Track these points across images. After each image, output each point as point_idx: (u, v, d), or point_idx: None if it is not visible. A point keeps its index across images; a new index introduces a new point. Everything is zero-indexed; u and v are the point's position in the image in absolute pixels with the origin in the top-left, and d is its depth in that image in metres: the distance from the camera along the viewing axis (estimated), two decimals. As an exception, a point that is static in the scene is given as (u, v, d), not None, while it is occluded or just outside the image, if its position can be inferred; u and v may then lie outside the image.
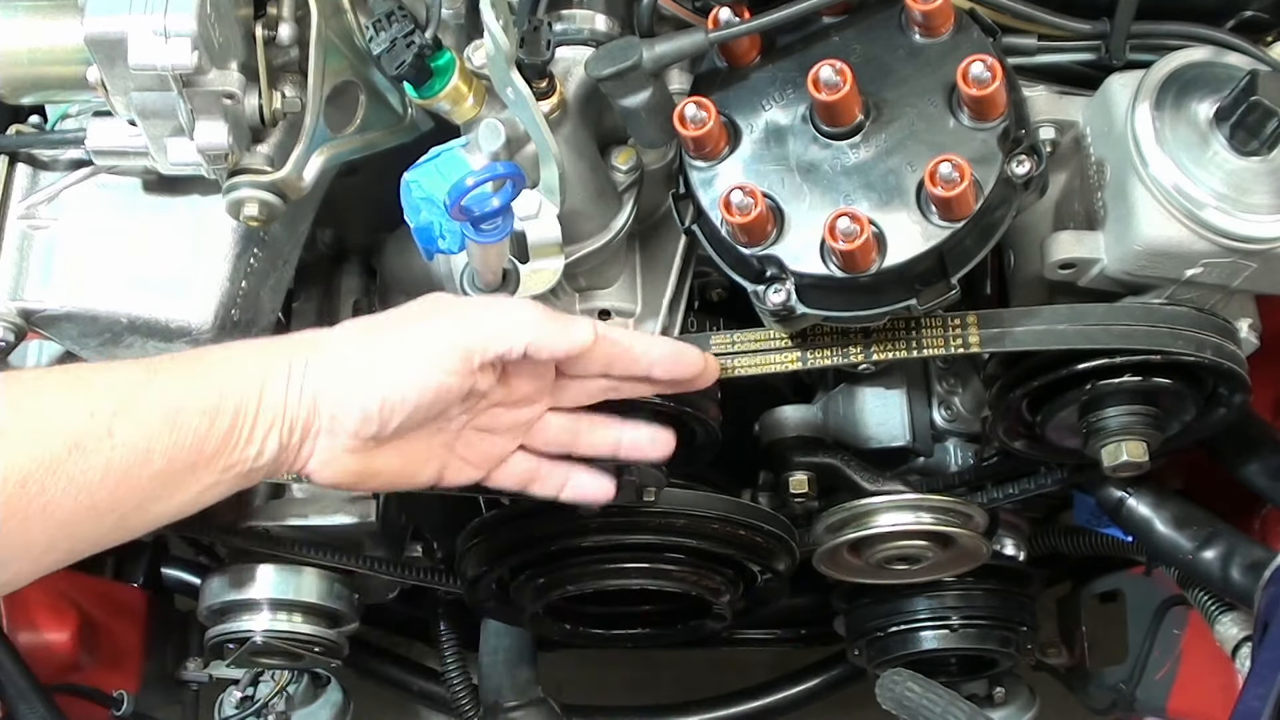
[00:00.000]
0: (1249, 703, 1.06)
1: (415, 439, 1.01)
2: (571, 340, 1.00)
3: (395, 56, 0.99)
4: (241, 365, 0.96)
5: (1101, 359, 1.13)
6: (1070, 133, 1.15)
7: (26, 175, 1.18)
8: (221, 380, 0.94)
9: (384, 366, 0.97)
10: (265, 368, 0.96)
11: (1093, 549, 1.49)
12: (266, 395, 0.95)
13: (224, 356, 0.97)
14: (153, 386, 0.92)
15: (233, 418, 0.94)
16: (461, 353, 0.97)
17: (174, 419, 0.91)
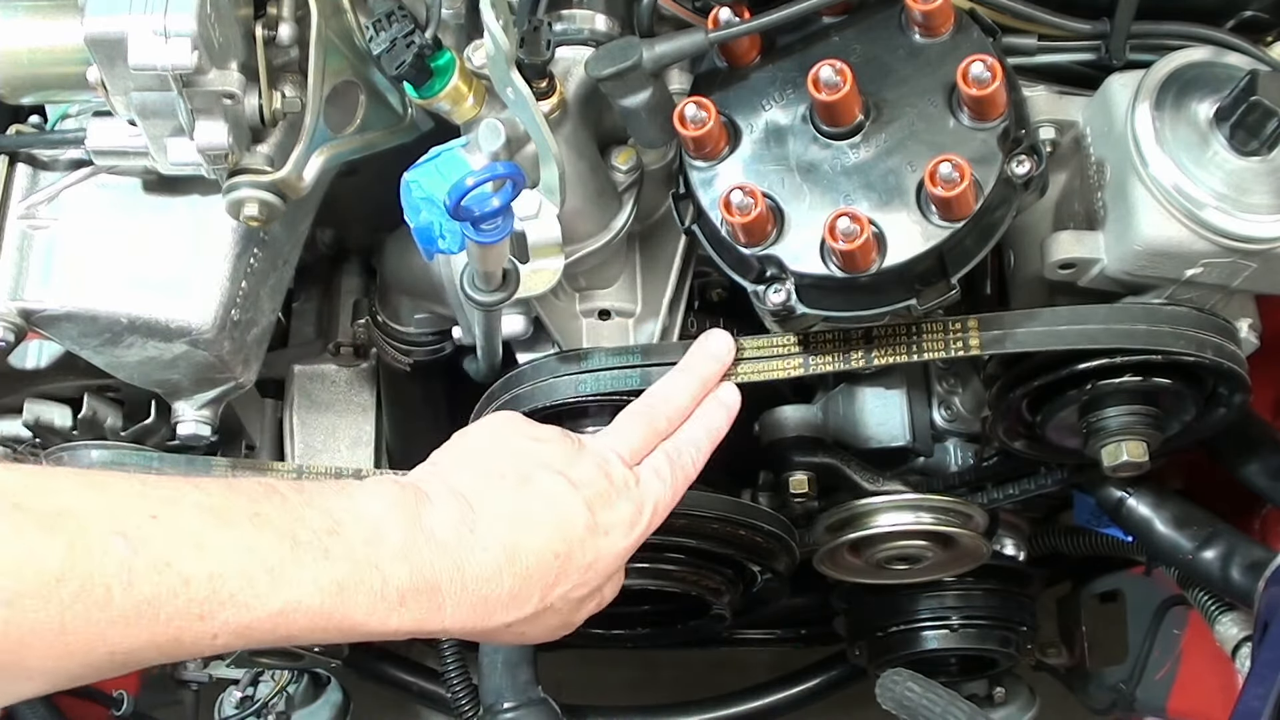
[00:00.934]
0: (1249, 703, 1.06)
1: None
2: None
3: (395, 56, 0.99)
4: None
5: (1102, 359, 1.13)
6: (1070, 133, 1.15)
7: (26, 175, 1.18)
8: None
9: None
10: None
11: (1093, 549, 1.49)
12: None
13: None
14: (288, 620, 0.87)
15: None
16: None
17: (286, 625, 0.87)
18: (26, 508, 0.81)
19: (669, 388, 1.10)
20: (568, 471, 0.99)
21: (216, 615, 0.84)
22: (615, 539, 1.00)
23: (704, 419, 1.10)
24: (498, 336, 1.19)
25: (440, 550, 0.92)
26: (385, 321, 1.38)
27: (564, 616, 1.01)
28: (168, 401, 1.26)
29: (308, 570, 0.87)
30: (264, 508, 0.88)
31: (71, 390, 1.30)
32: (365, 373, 1.49)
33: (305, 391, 1.49)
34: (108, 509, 0.83)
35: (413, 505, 0.93)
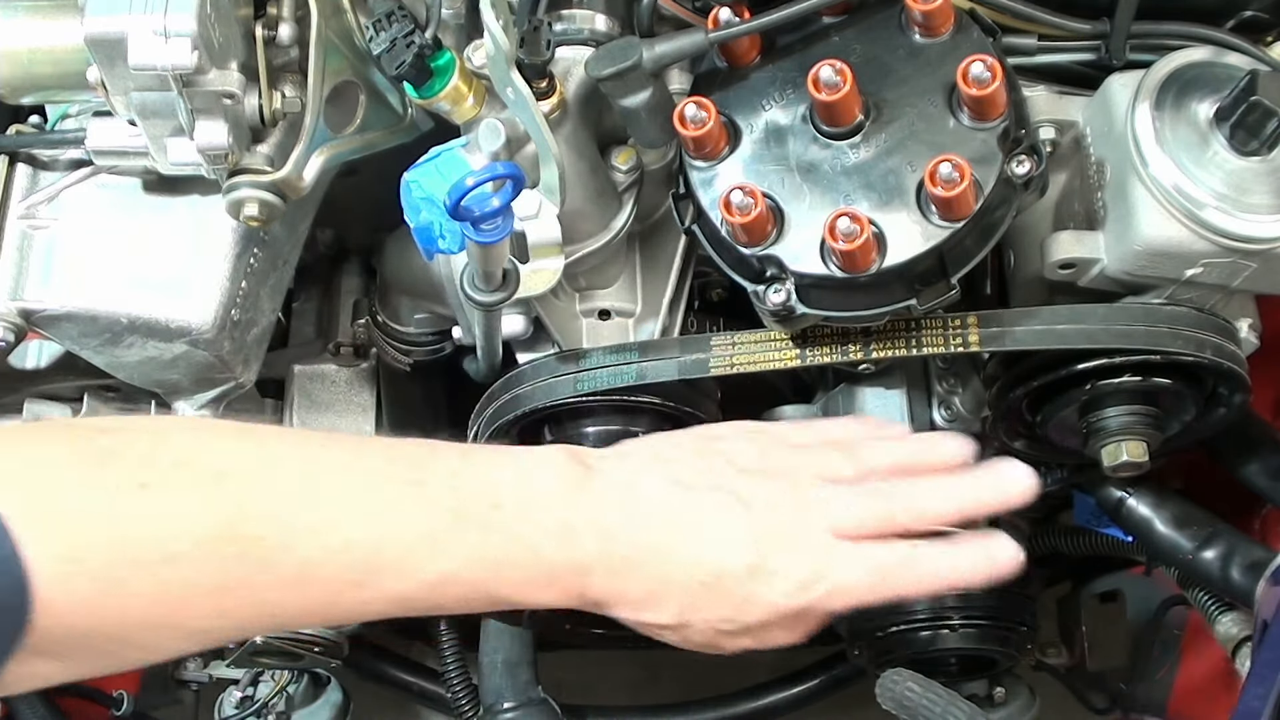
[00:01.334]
0: (1249, 703, 1.05)
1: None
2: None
3: (395, 56, 0.99)
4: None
5: (1101, 359, 1.13)
6: (1070, 133, 1.15)
7: (26, 175, 1.18)
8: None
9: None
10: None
11: (1093, 549, 1.49)
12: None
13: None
14: (449, 587, 0.87)
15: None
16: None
17: (441, 589, 0.87)
18: (191, 465, 0.81)
19: (938, 490, 0.95)
20: (757, 507, 0.91)
21: (373, 582, 0.83)
22: (776, 592, 0.91)
23: (951, 561, 0.93)
24: (498, 336, 1.19)
25: (598, 538, 0.89)
26: (385, 321, 1.38)
27: (707, 639, 0.94)
28: (168, 401, 1.26)
29: (467, 543, 0.86)
30: (428, 474, 0.87)
31: (71, 390, 1.30)
32: (365, 373, 1.49)
33: (305, 391, 1.49)
34: (270, 470, 0.83)
35: (577, 485, 0.91)
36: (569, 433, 1.20)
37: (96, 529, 0.77)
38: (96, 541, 0.77)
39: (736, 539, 0.90)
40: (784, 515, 0.92)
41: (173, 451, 0.81)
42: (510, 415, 1.18)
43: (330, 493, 0.83)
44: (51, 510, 0.77)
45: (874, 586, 0.92)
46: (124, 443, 0.81)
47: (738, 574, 0.90)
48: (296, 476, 0.83)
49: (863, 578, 0.92)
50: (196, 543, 0.79)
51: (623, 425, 1.19)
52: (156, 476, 0.79)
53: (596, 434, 1.19)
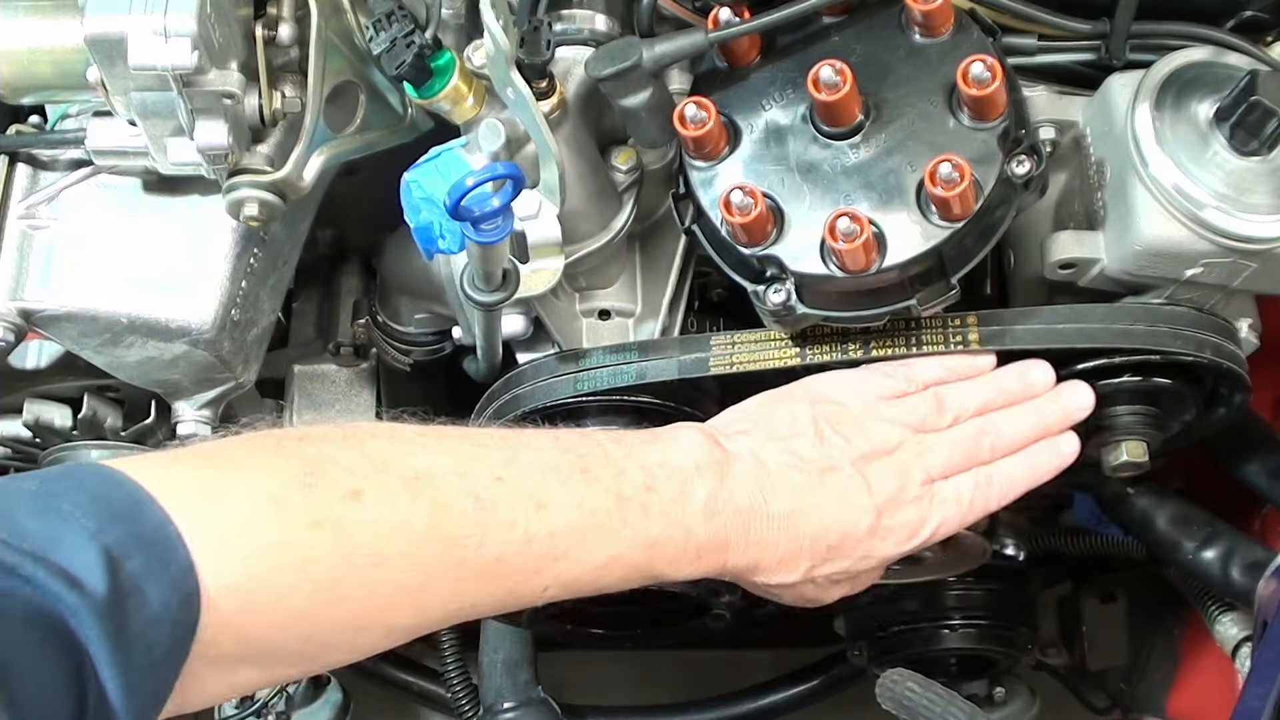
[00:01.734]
0: (1249, 703, 1.05)
1: None
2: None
3: (395, 56, 0.99)
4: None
5: (1101, 359, 1.13)
6: (1070, 133, 1.15)
7: (26, 175, 1.18)
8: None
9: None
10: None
11: (1093, 549, 1.49)
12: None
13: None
14: (608, 571, 0.93)
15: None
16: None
17: (610, 570, 0.94)
18: (392, 470, 0.85)
19: (1009, 420, 1.07)
20: (868, 472, 1.02)
21: (550, 569, 0.89)
22: (890, 544, 1.03)
23: (1031, 458, 1.07)
24: (498, 336, 1.19)
25: (736, 514, 0.97)
26: (385, 321, 1.38)
27: (818, 592, 1.05)
28: (168, 401, 1.26)
29: (630, 526, 0.93)
30: (591, 462, 0.94)
31: (71, 390, 1.30)
32: (365, 373, 1.49)
33: (305, 391, 1.49)
34: (458, 470, 0.88)
35: (719, 467, 0.98)
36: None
37: (318, 538, 0.80)
38: (319, 551, 0.80)
39: (857, 507, 1.01)
40: (892, 478, 1.02)
41: (375, 458, 0.85)
42: (510, 415, 1.18)
43: (516, 489, 0.89)
44: (265, 521, 0.79)
45: (966, 515, 1.05)
46: (329, 452, 0.85)
47: (859, 535, 1.02)
48: (487, 476, 0.88)
49: (956, 511, 1.04)
50: (404, 546, 0.83)
51: (623, 425, 1.19)
52: (366, 484, 0.83)
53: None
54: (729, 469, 0.99)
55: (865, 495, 1.01)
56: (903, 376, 1.07)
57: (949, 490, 1.04)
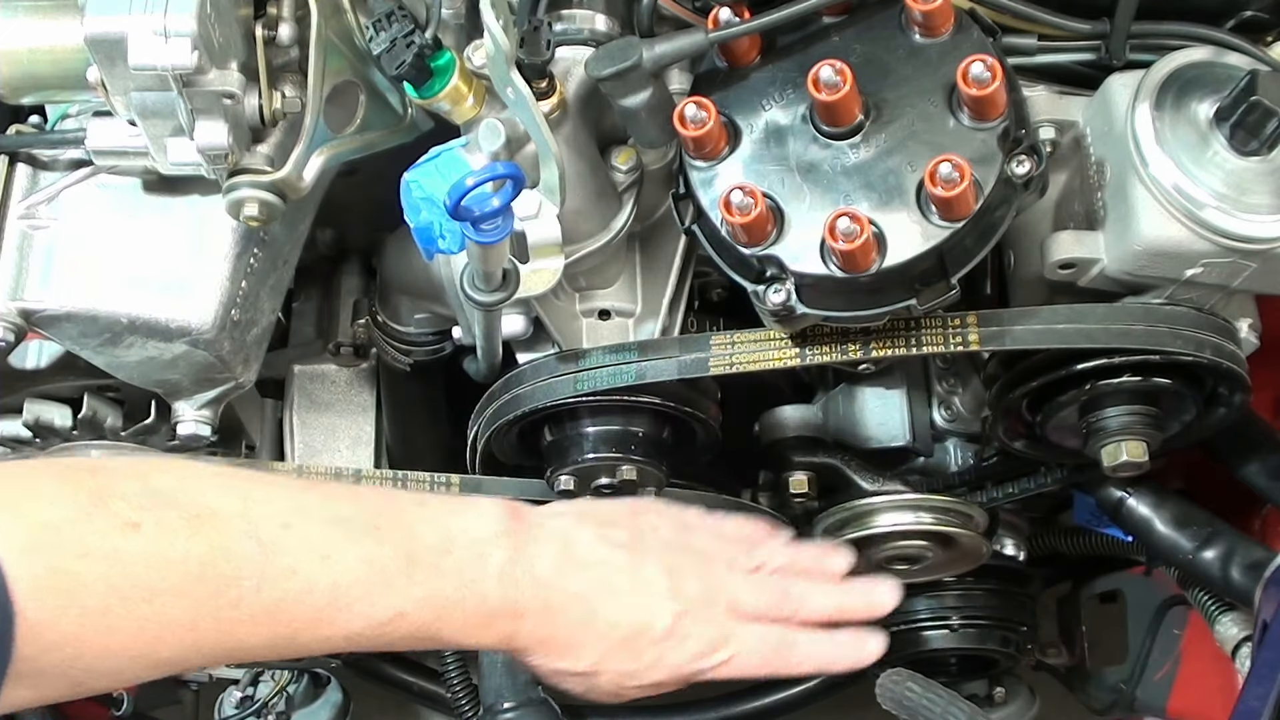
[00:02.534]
0: (1249, 703, 1.06)
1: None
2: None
3: (395, 56, 0.99)
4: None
5: (1101, 359, 1.13)
6: (1070, 133, 1.15)
7: (26, 175, 1.18)
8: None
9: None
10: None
11: (1093, 549, 1.49)
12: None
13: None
14: (392, 627, 0.94)
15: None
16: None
17: (391, 629, 0.94)
18: (176, 505, 0.86)
19: (814, 590, 1.10)
20: (676, 575, 1.03)
21: (332, 620, 0.90)
22: (684, 653, 1.02)
23: (834, 644, 1.09)
24: (498, 336, 1.19)
25: (534, 585, 0.98)
26: (385, 321, 1.38)
27: (611, 688, 1.03)
28: (168, 401, 1.26)
29: (419, 586, 0.93)
30: (385, 520, 0.94)
31: (71, 390, 1.30)
32: (365, 373, 1.49)
33: (305, 391, 1.49)
34: (244, 513, 0.88)
35: (519, 536, 0.99)
36: (569, 432, 1.20)
37: (88, 567, 0.81)
38: (88, 579, 0.81)
39: (657, 603, 1.02)
40: (698, 589, 1.03)
41: (160, 493, 0.86)
42: (510, 415, 1.18)
43: (301, 538, 0.90)
44: (42, 546, 0.80)
45: (761, 663, 1.05)
46: (113, 484, 0.86)
47: (654, 635, 1.01)
48: (274, 521, 0.89)
49: (753, 652, 1.04)
50: (178, 582, 0.84)
51: (622, 425, 1.19)
52: (146, 517, 0.84)
53: (596, 434, 1.19)
54: (530, 540, 0.99)
55: (669, 596, 1.02)
56: (719, 523, 1.11)
57: (753, 630, 1.04)
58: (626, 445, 1.19)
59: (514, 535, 0.99)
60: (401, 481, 1.31)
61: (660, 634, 1.01)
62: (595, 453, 1.18)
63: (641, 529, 1.05)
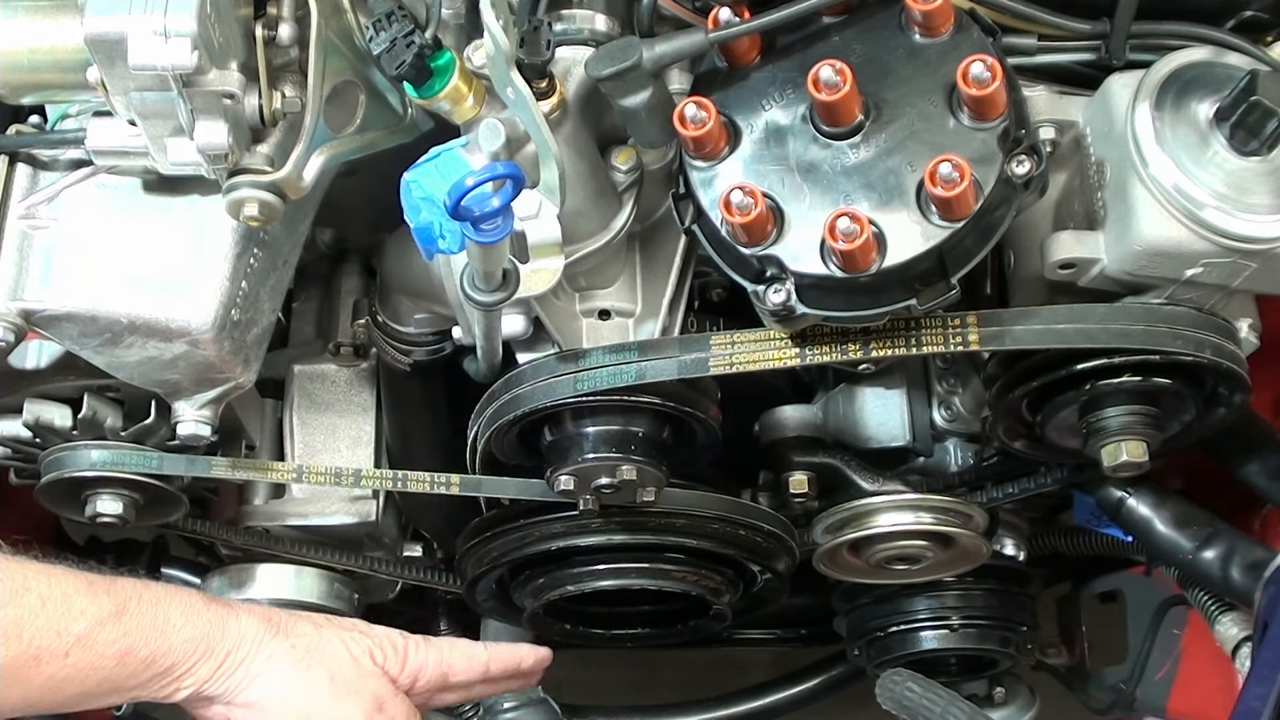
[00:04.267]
0: (1249, 703, 1.06)
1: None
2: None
3: (395, 56, 0.99)
4: (190, 636, 1.07)
5: (1101, 359, 1.13)
6: (1070, 133, 1.15)
7: (26, 175, 1.18)
8: (172, 641, 1.06)
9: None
10: (203, 649, 1.08)
11: (1093, 549, 1.49)
12: (193, 675, 1.08)
13: (184, 619, 1.08)
14: (119, 625, 1.03)
15: (163, 674, 1.06)
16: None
17: (122, 659, 1.03)
18: None
19: (477, 672, 1.22)
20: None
21: (67, 630, 1.00)
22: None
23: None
24: (498, 336, 1.19)
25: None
26: (385, 321, 1.38)
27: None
28: (168, 401, 1.26)
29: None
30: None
31: (71, 390, 1.30)
32: (365, 373, 1.49)
33: (305, 391, 1.49)
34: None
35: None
36: (569, 432, 1.20)
37: None
38: None
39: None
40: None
41: None
42: (510, 415, 1.18)
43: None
44: None
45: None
46: None
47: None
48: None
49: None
50: None
51: (622, 425, 1.19)
52: None
53: (596, 434, 1.19)
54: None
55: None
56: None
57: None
58: (626, 445, 1.19)
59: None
60: (401, 481, 1.31)
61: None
62: (595, 453, 1.18)
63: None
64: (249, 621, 1.11)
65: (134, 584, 1.08)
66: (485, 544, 1.34)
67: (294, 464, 1.45)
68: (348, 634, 1.16)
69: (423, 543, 1.58)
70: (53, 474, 1.30)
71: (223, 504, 1.52)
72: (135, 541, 1.59)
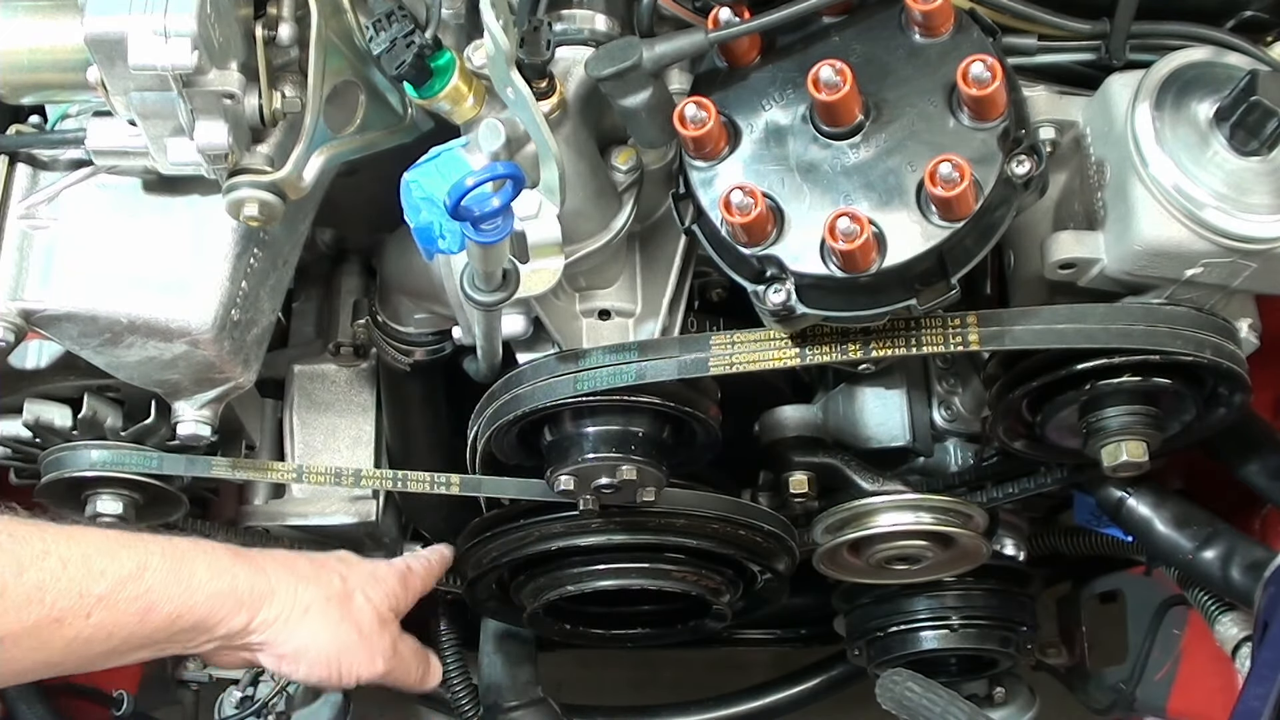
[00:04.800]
0: (1249, 703, 1.06)
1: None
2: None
3: (395, 56, 0.99)
4: (217, 591, 1.10)
5: (1101, 359, 1.13)
6: (1070, 133, 1.15)
7: (26, 175, 1.18)
8: (196, 597, 1.08)
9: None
10: (233, 603, 1.11)
11: (1093, 549, 1.49)
12: (224, 627, 1.11)
13: (209, 574, 1.10)
14: (140, 583, 1.05)
15: (190, 629, 1.09)
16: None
17: (145, 616, 1.05)
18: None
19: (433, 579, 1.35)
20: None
21: (90, 591, 1.00)
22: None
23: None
24: (498, 336, 1.19)
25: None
26: (385, 321, 1.38)
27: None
28: (168, 401, 1.26)
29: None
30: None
31: (71, 390, 1.30)
32: (365, 373, 1.49)
33: (305, 391, 1.49)
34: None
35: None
36: (569, 432, 1.20)
37: None
38: None
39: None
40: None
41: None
42: (510, 415, 1.18)
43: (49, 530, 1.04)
44: None
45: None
46: None
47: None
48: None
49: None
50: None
51: (622, 425, 1.19)
52: None
53: (596, 434, 1.19)
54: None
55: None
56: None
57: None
58: (626, 445, 1.19)
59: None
60: (401, 481, 1.31)
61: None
62: (595, 453, 1.18)
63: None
64: (278, 574, 1.15)
65: (157, 540, 1.08)
66: (485, 544, 1.34)
67: (294, 464, 1.45)
68: (369, 585, 1.24)
69: (423, 543, 1.58)
70: (53, 474, 1.30)
71: (223, 504, 1.52)
72: (135, 541, 1.59)
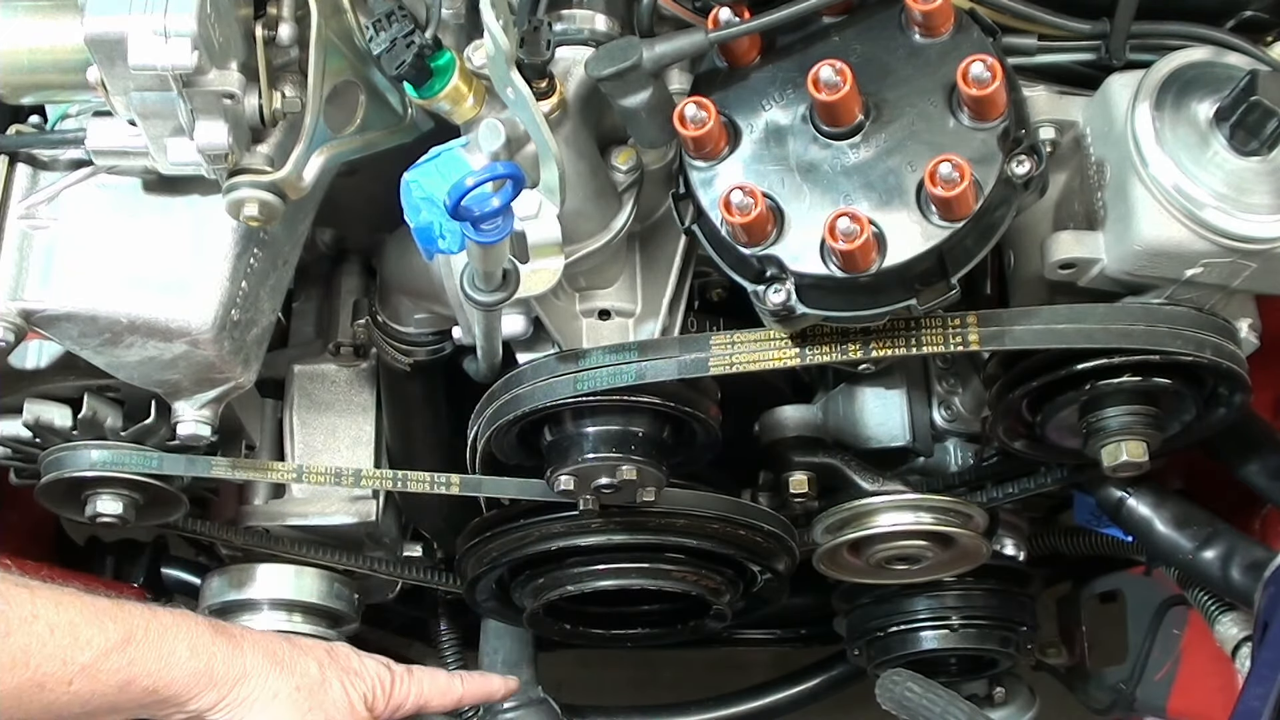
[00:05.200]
0: (1249, 703, 1.06)
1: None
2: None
3: (395, 56, 0.99)
4: (195, 670, 1.08)
5: (1101, 359, 1.13)
6: (1070, 133, 1.15)
7: (26, 175, 1.18)
8: (175, 674, 1.07)
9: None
10: (206, 682, 1.09)
11: (1093, 549, 1.49)
12: (194, 704, 1.09)
13: (189, 652, 1.09)
14: (124, 654, 1.04)
15: (162, 703, 1.07)
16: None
17: (124, 688, 1.05)
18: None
19: (450, 703, 1.26)
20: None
21: (72, 659, 1.01)
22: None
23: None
24: (498, 336, 1.19)
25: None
26: (385, 321, 1.38)
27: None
28: (168, 401, 1.26)
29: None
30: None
31: (71, 390, 1.30)
32: (365, 373, 1.49)
33: (305, 391, 1.49)
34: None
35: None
36: (569, 432, 1.20)
37: None
38: None
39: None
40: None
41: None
42: (510, 415, 1.18)
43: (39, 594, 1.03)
44: None
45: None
46: None
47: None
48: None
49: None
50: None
51: (622, 425, 1.19)
52: None
53: (596, 434, 1.19)
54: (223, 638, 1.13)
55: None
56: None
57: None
58: (626, 445, 1.19)
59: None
60: (401, 481, 1.31)
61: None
62: (595, 453, 1.18)
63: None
64: (255, 657, 1.13)
65: (142, 611, 1.08)
66: (485, 544, 1.34)
67: (294, 464, 1.45)
68: (346, 677, 1.19)
69: (423, 543, 1.58)
70: (53, 474, 1.30)
71: (223, 504, 1.52)
72: (135, 542, 1.59)
